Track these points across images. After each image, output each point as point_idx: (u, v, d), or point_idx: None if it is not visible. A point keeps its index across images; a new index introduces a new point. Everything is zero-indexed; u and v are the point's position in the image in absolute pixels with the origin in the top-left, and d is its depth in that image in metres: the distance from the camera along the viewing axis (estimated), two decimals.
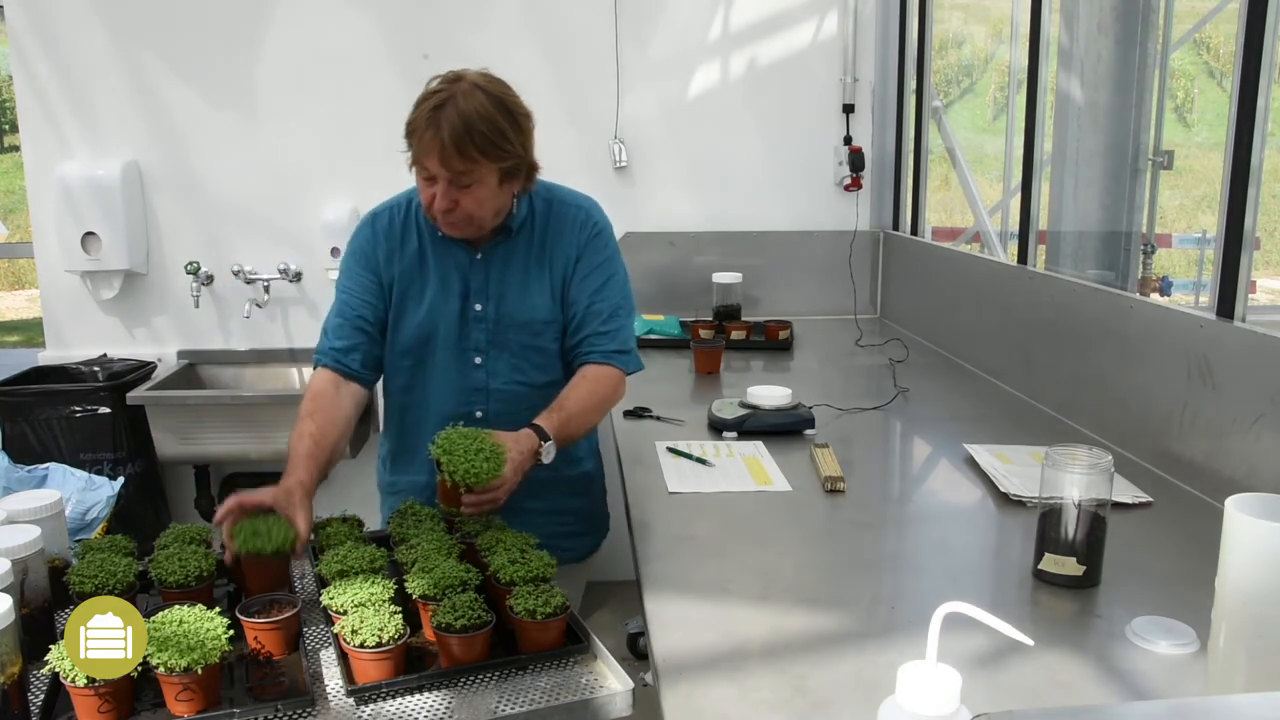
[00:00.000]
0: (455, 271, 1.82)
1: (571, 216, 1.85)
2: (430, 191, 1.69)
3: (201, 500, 3.30)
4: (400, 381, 1.87)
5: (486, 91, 1.67)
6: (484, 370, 1.83)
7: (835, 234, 3.48)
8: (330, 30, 3.26)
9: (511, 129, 1.68)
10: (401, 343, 1.83)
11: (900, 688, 0.80)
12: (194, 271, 3.28)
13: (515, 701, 1.22)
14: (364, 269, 1.83)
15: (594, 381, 1.79)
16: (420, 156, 1.66)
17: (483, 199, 1.69)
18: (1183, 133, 11.71)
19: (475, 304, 1.81)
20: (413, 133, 1.67)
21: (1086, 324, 2.12)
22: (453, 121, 1.61)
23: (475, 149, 1.63)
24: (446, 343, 1.82)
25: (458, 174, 1.64)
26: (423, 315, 1.82)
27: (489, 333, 1.82)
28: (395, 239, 1.84)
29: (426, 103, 1.65)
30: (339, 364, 1.79)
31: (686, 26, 3.38)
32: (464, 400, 1.83)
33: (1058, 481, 1.33)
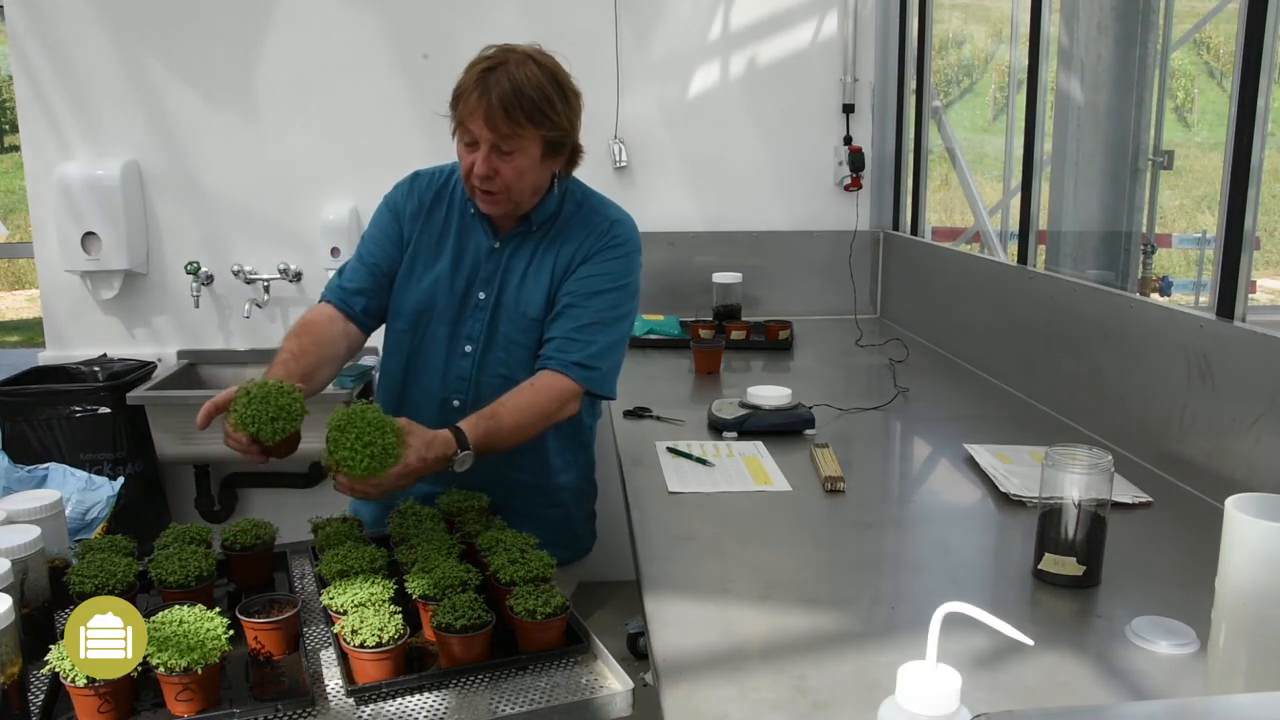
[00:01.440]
0: (471, 255, 1.81)
1: (594, 223, 1.82)
2: (471, 158, 1.67)
3: (201, 500, 3.29)
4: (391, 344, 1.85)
5: (539, 63, 1.68)
6: (472, 359, 1.81)
7: (835, 234, 3.48)
8: (330, 30, 3.26)
9: (560, 100, 1.68)
10: (400, 304, 1.82)
11: (900, 688, 0.80)
12: (194, 271, 3.28)
13: (515, 701, 1.22)
14: (392, 219, 1.84)
15: (538, 391, 1.70)
16: (465, 118, 1.65)
17: (523, 169, 1.68)
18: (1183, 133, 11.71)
19: (479, 292, 1.80)
20: (459, 96, 1.65)
21: (1086, 324, 2.12)
22: (502, 85, 1.61)
23: (523, 113, 1.62)
24: (442, 319, 1.81)
25: (503, 137, 1.63)
26: (427, 285, 1.81)
27: (485, 323, 1.80)
28: (427, 201, 1.84)
29: (476, 67, 1.65)
30: (342, 302, 1.80)
31: (686, 26, 3.38)
32: (447, 386, 1.82)
33: (1058, 481, 1.33)
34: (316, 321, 1.78)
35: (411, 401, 1.84)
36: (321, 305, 1.82)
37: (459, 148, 1.71)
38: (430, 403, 1.81)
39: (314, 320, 1.78)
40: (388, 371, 1.89)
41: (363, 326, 1.82)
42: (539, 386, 1.71)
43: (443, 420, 1.67)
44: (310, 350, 1.69)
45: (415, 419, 1.75)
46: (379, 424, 1.45)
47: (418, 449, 1.50)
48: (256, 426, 1.44)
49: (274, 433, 1.45)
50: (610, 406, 2.33)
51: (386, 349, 1.88)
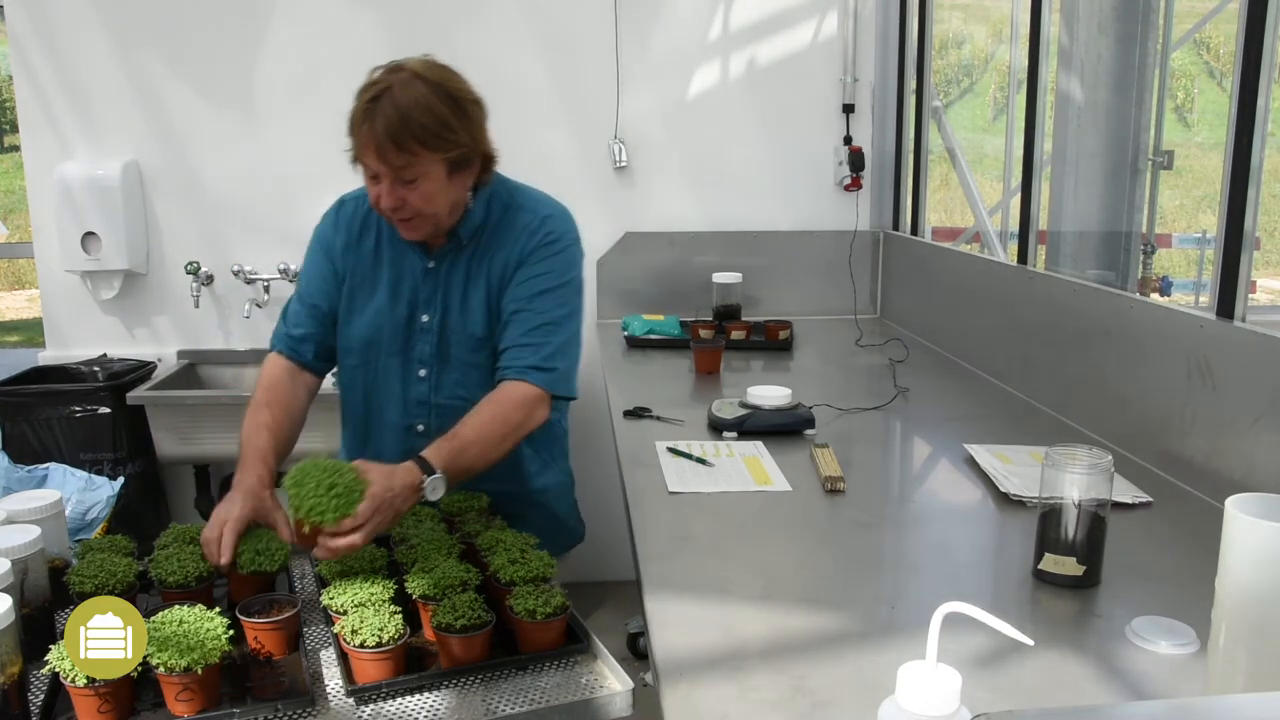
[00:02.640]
0: (407, 279, 1.76)
1: (523, 224, 1.74)
2: (376, 190, 1.61)
3: (201, 500, 3.29)
4: (346, 380, 1.83)
5: (426, 79, 1.58)
6: (428, 384, 1.77)
7: (835, 234, 3.48)
8: (330, 30, 3.26)
9: (455, 116, 1.59)
10: (347, 340, 1.79)
11: (900, 688, 0.80)
12: (194, 271, 3.28)
13: (515, 701, 1.22)
14: (323, 256, 1.79)
15: (500, 404, 1.63)
16: (359, 153, 1.59)
17: (431, 194, 1.61)
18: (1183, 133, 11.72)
19: (422, 315, 1.75)
20: (353, 128, 1.59)
21: (1086, 324, 2.12)
22: (388, 114, 1.54)
23: (414, 140, 1.54)
24: (391, 350, 1.77)
25: (398, 169, 1.56)
26: (369, 317, 1.77)
27: (434, 345, 1.76)
28: (354, 231, 1.79)
29: (363, 95, 1.58)
30: (293, 352, 1.77)
31: (686, 26, 3.38)
32: (407, 412, 1.79)
33: (1058, 481, 1.33)
34: (279, 380, 1.73)
35: (376, 434, 1.82)
36: (274, 358, 1.78)
37: (364, 179, 1.65)
38: (394, 432, 1.80)
39: (276, 379, 1.74)
40: (348, 405, 1.86)
41: (317, 372, 1.81)
42: (499, 398, 1.65)
43: (410, 448, 1.65)
44: (285, 424, 1.67)
45: (381, 450, 1.78)
46: (332, 468, 1.39)
47: (380, 481, 1.42)
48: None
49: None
50: (610, 406, 2.34)
51: (343, 385, 1.85)
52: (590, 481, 3.52)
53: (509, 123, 3.30)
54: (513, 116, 3.34)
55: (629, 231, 3.42)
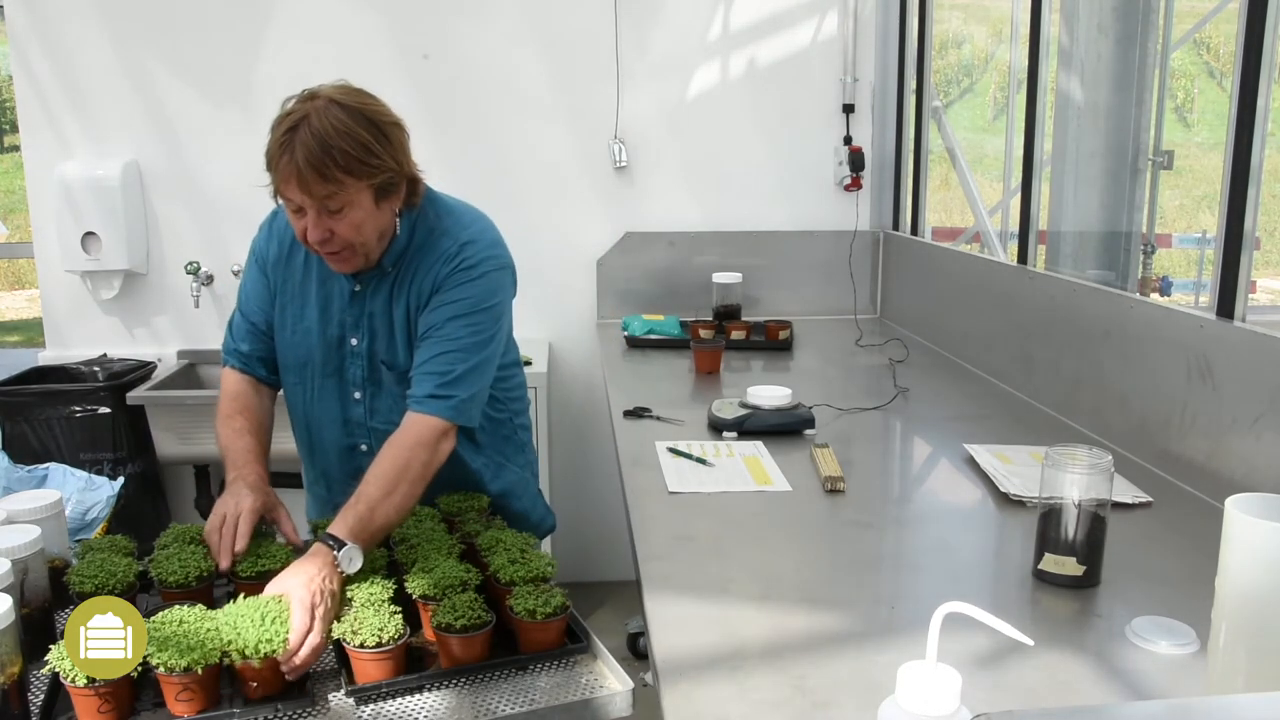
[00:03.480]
0: (336, 300, 1.71)
1: (442, 248, 1.66)
2: (301, 223, 1.54)
3: (201, 500, 3.29)
4: (289, 397, 1.80)
5: (343, 105, 1.51)
6: (363, 406, 1.74)
7: (835, 234, 3.48)
8: (330, 30, 3.26)
9: (377, 140, 1.52)
10: (283, 358, 1.77)
11: (900, 688, 0.80)
12: (194, 271, 3.28)
13: (515, 701, 1.22)
14: (258, 269, 1.76)
15: (400, 449, 1.54)
16: (280, 187, 1.52)
17: (359, 223, 1.54)
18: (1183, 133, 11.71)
19: (351, 338, 1.71)
20: (270, 162, 1.51)
21: (1086, 324, 2.12)
22: (308, 143, 1.46)
23: (338, 168, 1.47)
24: (326, 371, 1.74)
25: (323, 199, 1.50)
26: (300, 337, 1.73)
27: (365, 370, 1.72)
28: (285, 245, 1.73)
29: (279, 126, 1.51)
30: (245, 367, 1.77)
31: (686, 26, 3.38)
32: (348, 432, 1.76)
33: (1058, 481, 1.33)
34: (244, 391, 1.75)
35: (322, 452, 1.80)
36: (229, 372, 1.78)
37: (288, 214, 1.57)
38: (337, 451, 1.77)
39: (241, 390, 1.75)
40: (293, 421, 1.84)
41: (271, 385, 1.80)
42: (398, 443, 1.56)
43: (356, 467, 1.63)
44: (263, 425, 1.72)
45: (328, 468, 1.79)
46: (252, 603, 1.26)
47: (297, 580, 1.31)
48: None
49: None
50: (610, 406, 2.33)
51: (288, 402, 1.82)
52: (590, 481, 3.53)
53: (509, 123, 3.35)
54: (513, 116, 3.34)
55: (629, 231, 3.42)
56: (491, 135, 3.32)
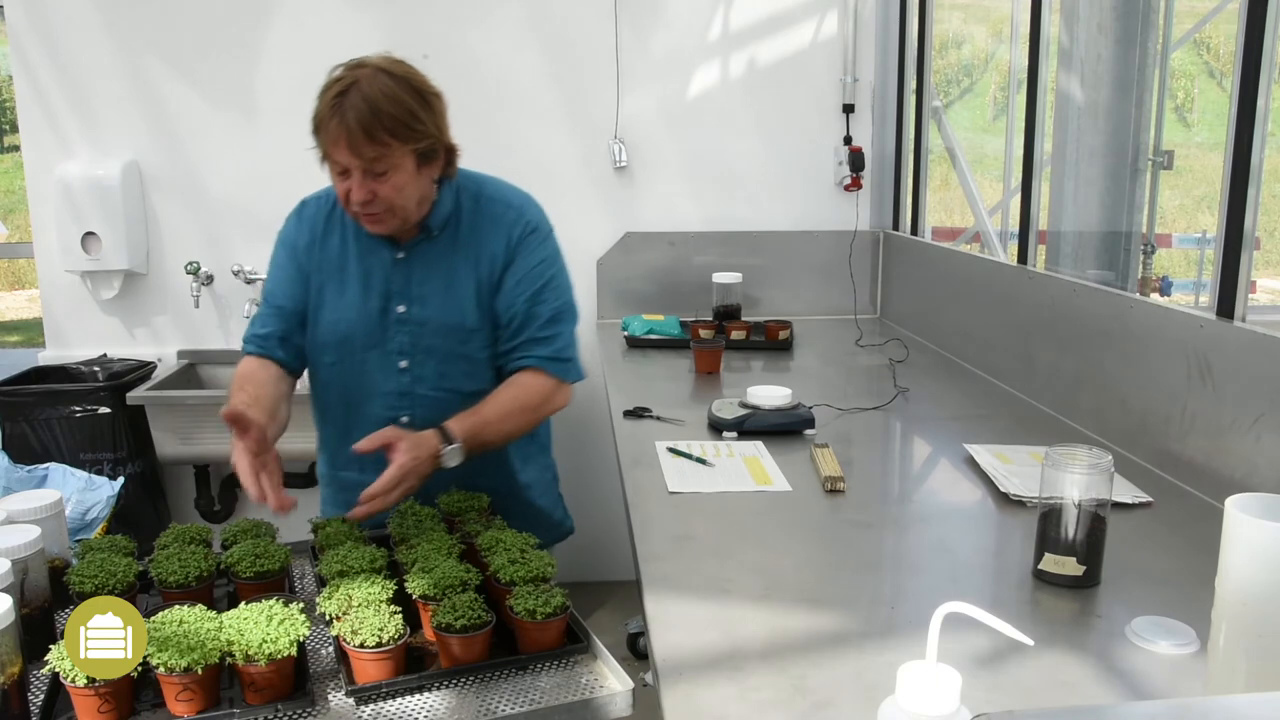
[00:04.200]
0: (378, 271, 1.77)
1: (500, 215, 1.78)
2: (345, 185, 1.63)
3: (201, 500, 3.30)
4: (324, 378, 1.83)
5: (391, 73, 1.61)
6: (409, 375, 1.78)
7: (835, 234, 3.48)
8: (330, 30, 3.26)
9: (421, 108, 1.62)
10: (320, 337, 1.80)
11: (900, 688, 0.80)
12: (194, 271, 3.28)
13: (515, 701, 1.22)
14: (289, 256, 1.82)
15: (521, 389, 1.74)
16: (329, 149, 1.61)
17: (401, 185, 1.64)
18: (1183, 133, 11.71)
19: (397, 306, 1.76)
20: (319, 126, 1.61)
21: (1086, 324, 2.12)
22: (358, 106, 1.56)
23: (385, 131, 1.57)
24: (368, 344, 1.77)
25: (370, 161, 1.59)
26: (340, 313, 1.78)
27: (413, 336, 1.77)
28: (318, 230, 1.81)
29: (329, 92, 1.60)
30: (262, 349, 1.78)
31: (686, 26, 3.38)
32: (389, 404, 1.79)
33: (1058, 481, 1.33)
34: (252, 371, 1.76)
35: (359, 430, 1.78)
36: (246, 360, 1.79)
37: (332, 176, 1.67)
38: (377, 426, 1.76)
39: (249, 371, 1.76)
40: (327, 405, 1.85)
41: (290, 369, 1.81)
42: (520, 384, 1.74)
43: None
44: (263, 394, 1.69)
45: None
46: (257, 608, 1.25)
47: (408, 450, 1.54)
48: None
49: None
50: (610, 406, 2.34)
51: (319, 385, 1.85)
52: (590, 481, 3.53)
53: (509, 123, 3.35)
54: (513, 116, 3.35)
55: (629, 231, 3.42)
56: (491, 135, 3.32)
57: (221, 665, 1.19)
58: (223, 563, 1.48)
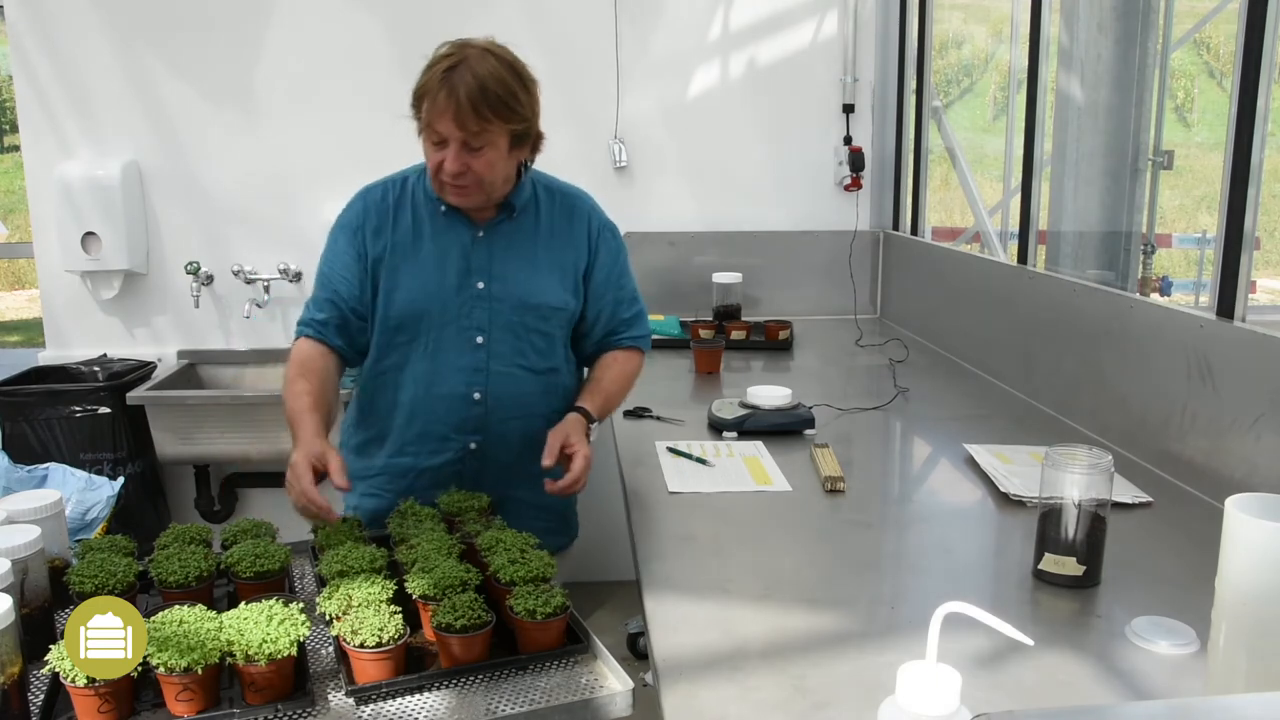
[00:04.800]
0: (455, 248, 1.80)
1: (578, 207, 1.89)
2: (440, 156, 1.68)
3: (201, 500, 3.30)
4: (394, 359, 1.83)
5: (497, 55, 1.69)
6: (485, 350, 1.80)
7: (835, 234, 3.48)
8: (330, 30, 3.26)
9: (523, 92, 1.70)
10: (393, 317, 1.81)
11: (900, 688, 0.80)
12: (194, 271, 3.28)
13: (515, 701, 1.22)
14: (348, 243, 1.82)
15: (627, 364, 1.93)
16: (432, 119, 1.66)
17: (493, 162, 1.69)
18: (1183, 133, 11.71)
19: (477, 282, 1.79)
20: (423, 95, 1.67)
21: (1086, 324, 2.12)
22: (468, 82, 1.62)
23: (489, 109, 1.64)
24: (444, 319, 1.80)
25: (472, 134, 1.65)
26: (416, 291, 1.80)
27: (491, 312, 1.80)
28: (387, 213, 1.83)
29: (437, 66, 1.66)
30: (320, 335, 1.79)
31: (686, 26, 3.38)
32: (463, 380, 1.81)
33: (1058, 481, 1.33)
34: (311, 356, 1.78)
35: (430, 409, 1.83)
36: (303, 341, 1.80)
37: (425, 146, 1.72)
38: (452, 403, 1.81)
39: (309, 355, 1.78)
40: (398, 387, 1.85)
41: (345, 358, 1.83)
42: (622, 360, 1.92)
43: (465, 416, 1.81)
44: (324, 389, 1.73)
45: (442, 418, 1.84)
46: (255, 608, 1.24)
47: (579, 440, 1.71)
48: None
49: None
50: None
51: (386, 367, 1.84)
52: (590, 481, 3.53)
53: None
54: None
55: (629, 231, 3.40)
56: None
57: (222, 665, 1.19)
58: (223, 563, 1.48)
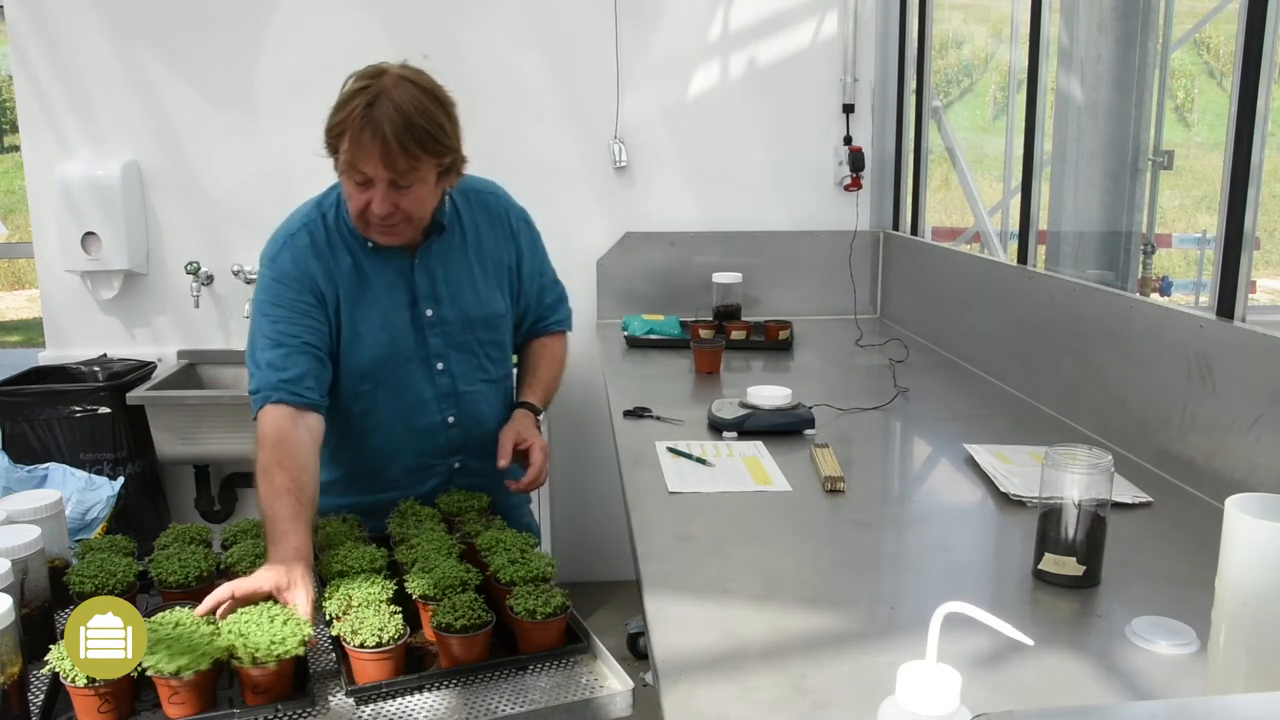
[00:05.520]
0: (399, 280, 1.73)
1: (494, 204, 1.86)
2: (365, 197, 1.57)
3: (201, 500, 3.30)
4: (361, 406, 1.75)
5: (414, 82, 1.57)
6: (448, 375, 1.78)
7: (835, 234, 3.48)
8: (331, 30, 3.26)
9: (447, 121, 1.59)
10: (359, 365, 1.71)
11: (900, 688, 0.80)
12: (194, 271, 3.28)
13: (515, 701, 1.22)
14: (297, 292, 1.66)
15: (556, 349, 1.97)
16: (357, 161, 1.53)
17: (422, 198, 1.61)
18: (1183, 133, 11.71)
19: (425, 309, 1.74)
20: (341, 135, 1.54)
21: (1086, 324, 2.12)
22: (391, 117, 1.50)
23: (418, 145, 1.53)
24: (406, 355, 1.74)
25: (401, 174, 1.54)
26: (379, 335, 1.71)
27: (445, 336, 1.76)
28: (325, 256, 1.69)
29: (353, 101, 1.53)
30: (294, 395, 1.59)
31: (686, 26, 3.38)
32: (435, 410, 1.77)
33: (1058, 481, 1.33)
34: (285, 434, 1.55)
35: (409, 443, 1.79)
36: (270, 410, 1.58)
37: (347, 186, 1.60)
38: (427, 433, 1.79)
39: (281, 434, 1.55)
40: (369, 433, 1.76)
41: (322, 410, 1.64)
42: (553, 345, 1.97)
43: (443, 441, 1.80)
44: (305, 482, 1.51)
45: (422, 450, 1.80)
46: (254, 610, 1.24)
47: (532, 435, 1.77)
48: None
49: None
50: (610, 406, 2.34)
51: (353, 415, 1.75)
52: (590, 481, 3.53)
53: (509, 123, 3.35)
54: (513, 116, 3.34)
55: (629, 231, 3.42)
56: (491, 135, 3.32)
57: (218, 668, 1.18)
58: (223, 563, 1.48)
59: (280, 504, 1.44)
